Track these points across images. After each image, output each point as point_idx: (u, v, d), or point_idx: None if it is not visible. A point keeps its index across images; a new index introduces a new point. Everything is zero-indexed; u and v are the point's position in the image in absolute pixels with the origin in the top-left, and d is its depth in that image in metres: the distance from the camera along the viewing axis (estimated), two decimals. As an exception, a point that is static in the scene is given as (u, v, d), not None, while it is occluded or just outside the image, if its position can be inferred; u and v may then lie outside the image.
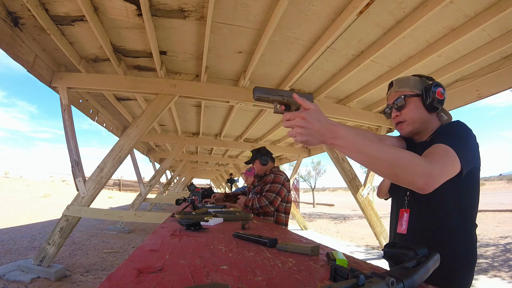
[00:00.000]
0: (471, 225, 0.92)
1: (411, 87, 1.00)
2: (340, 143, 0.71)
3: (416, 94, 1.00)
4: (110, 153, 3.34)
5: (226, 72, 3.41)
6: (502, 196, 20.46)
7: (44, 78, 3.14)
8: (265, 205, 2.14)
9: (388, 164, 0.70)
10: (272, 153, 2.53)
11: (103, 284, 0.51)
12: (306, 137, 0.71)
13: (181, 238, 1.01)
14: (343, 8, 2.15)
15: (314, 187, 26.73)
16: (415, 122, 1.00)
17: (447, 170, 0.76)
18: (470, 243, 0.91)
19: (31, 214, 9.20)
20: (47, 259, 3.17)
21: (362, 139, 0.71)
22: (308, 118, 0.69)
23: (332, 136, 0.71)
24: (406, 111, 1.01)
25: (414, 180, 0.70)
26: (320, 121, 0.70)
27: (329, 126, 0.71)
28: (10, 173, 24.56)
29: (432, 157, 0.77)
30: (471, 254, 0.90)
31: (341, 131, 0.71)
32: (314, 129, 0.70)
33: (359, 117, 4.18)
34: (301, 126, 0.70)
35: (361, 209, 4.57)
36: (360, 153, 0.71)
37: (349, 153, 0.72)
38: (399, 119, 1.03)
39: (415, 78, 1.03)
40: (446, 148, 0.79)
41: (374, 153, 0.70)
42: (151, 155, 9.39)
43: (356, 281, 0.38)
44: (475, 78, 3.04)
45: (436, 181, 0.72)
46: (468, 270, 0.90)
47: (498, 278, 3.80)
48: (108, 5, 2.27)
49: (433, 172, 0.71)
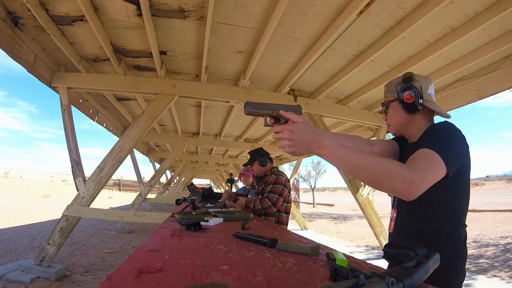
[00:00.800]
0: (459, 225, 0.91)
1: (392, 92, 1.04)
2: (325, 152, 0.77)
3: (394, 99, 1.03)
4: (110, 153, 3.34)
5: (226, 72, 3.41)
6: (502, 196, 20.46)
7: (44, 78, 3.14)
8: (268, 207, 2.14)
9: (369, 172, 0.74)
10: (270, 154, 2.52)
11: (103, 284, 0.51)
12: (294, 148, 0.77)
13: (181, 238, 1.01)
14: (343, 8, 2.15)
15: (314, 187, 26.72)
16: (396, 125, 1.05)
17: (430, 175, 0.77)
18: (458, 242, 0.90)
19: (31, 214, 9.20)
20: (47, 259, 3.16)
21: (345, 149, 0.76)
22: (295, 130, 0.76)
23: (317, 146, 0.77)
24: (389, 116, 1.07)
25: (395, 187, 0.73)
26: (306, 133, 0.76)
27: (315, 136, 0.77)
28: (10, 173, 24.56)
29: (414, 164, 0.78)
30: (457, 253, 0.90)
31: (325, 141, 0.77)
32: (301, 141, 0.76)
33: (359, 117, 4.18)
34: (288, 138, 0.76)
35: (361, 209, 4.56)
36: (343, 161, 0.76)
37: (332, 162, 0.77)
38: (387, 123, 1.10)
39: (397, 81, 1.04)
40: (429, 153, 0.80)
41: (356, 161, 0.75)
42: (151, 155, 9.39)
43: (356, 281, 0.38)
44: (475, 78, 3.04)
45: (418, 188, 0.73)
46: (455, 269, 0.89)
47: (497, 278, 3.79)
48: (108, 5, 2.27)
49: (415, 179, 0.73)
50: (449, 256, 0.88)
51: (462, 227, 0.92)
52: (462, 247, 0.91)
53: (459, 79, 3.21)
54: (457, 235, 0.91)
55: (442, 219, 0.91)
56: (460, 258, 0.90)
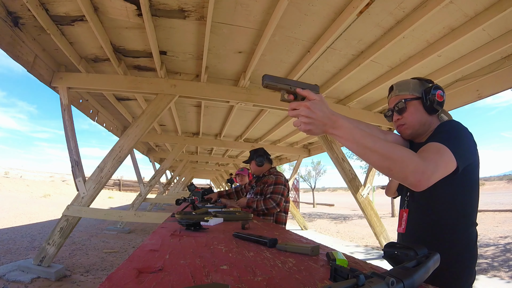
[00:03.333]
0: (470, 224, 0.91)
1: (411, 91, 1.01)
2: (339, 133, 0.75)
3: (416, 97, 1.00)
4: (110, 153, 3.34)
5: (226, 72, 3.41)
6: (502, 196, 20.46)
7: (44, 78, 3.14)
8: (272, 207, 2.16)
9: (382, 158, 0.72)
10: (270, 154, 2.55)
11: (103, 284, 0.51)
12: (310, 126, 0.74)
13: (181, 238, 1.01)
14: (343, 8, 2.15)
15: (314, 187, 26.70)
16: (415, 124, 1.01)
17: (441, 167, 0.76)
18: (468, 241, 0.90)
19: (31, 214, 9.20)
20: (47, 259, 3.17)
21: (360, 131, 0.74)
22: (312, 108, 0.73)
23: (332, 125, 0.75)
24: (406, 115, 1.02)
25: (407, 176, 0.72)
26: (323, 111, 0.74)
27: (331, 116, 0.74)
28: (10, 173, 24.57)
29: (424, 155, 0.77)
30: (469, 252, 0.90)
31: (340, 121, 0.74)
32: (317, 119, 0.74)
33: (359, 117, 4.17)
34: (305, 115, 0.74)
35: (361, 209, 4.57)
36: (356, 143, 0.74)
37: (346, 143, 0.75)
38: (400, 122, 1.05)
39: (414, 81, 1.03)
40: (439, 146, 0.80)
41: (369, 145, 0.73)
42: (151, 155, 9.39)
43: (356, 281, 0.38)
44: (475, 78, 3.04)
45: (429, 179, 0.72)
46: (467, 269, 0.89)
47: (497, 278, 3.80)
48: (108, 5, 2.27)
49: (427, 169, 0.72)
50: (462, 256, 0.88)
51: (473, 226, 0.92)
52: (474, 246, 0.91)
53: (459, 79, 3.21)
54: (468, 233, 0.91)
55: (455, 217, 0.90)
56: (471, 257, 0.90)
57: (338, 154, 4.53)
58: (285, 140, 6.93)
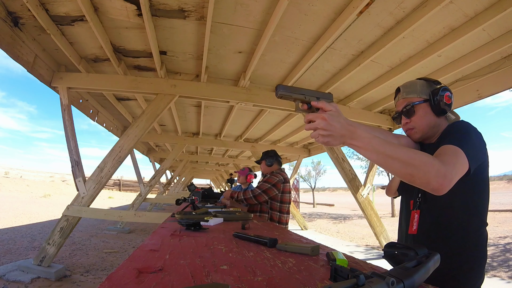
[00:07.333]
0: (481, 223, 0.91)
1: (419, 93, 1.00)
2: (358, 143, 0.74)
3: (424, 100, 0.99)
4: (110, 153, 3.34)
5: (226, 72, 3.41)
6: (502, 196, 20.44)
7: (44, 78, 3.14)
8: (249, 198, 2.31)
9: (403, 164, 0.72)
10: (280, 157, 2.67)
11: (103, 284, 0.51)
12: (328, 138, 0.73)
13: (181, 238, 1.01)
14: (343, 8, 2.15)
15: (314, 187, 26.68)
16: (424, 128, 1.00)
17: (459, 170, 0.76)
18: (480, 241, 0.90)
19: (31, 214, 9.20)
20: (47, 259, 3.17)
21: (378, 140, 0.74)
22: (329, 120, 0.72)
23: (351, 136, 0.74)
24: (415, 119, 1.01)
25: (429, 181, 0.71)
26: (340, 123, 0.73)
27: (348, 127, 0.74)
28: (10, 173, 24.57)
29: (443, 158, 0.77)
30: (480, 252, 0.89)
31: (359, 132, 0.74)
32: (335, 131, 0.73)
33: (359, 117, 4.17)
34: (323, 128, 0.73)
35: (361, 209, 4.57)
36: (376, 153, 0.73)
37: (365, 153, 0.75)
38: (409, 126, 1.03)
39: (422, 83, 1.02)
40: (455, 149, 0.80)
41: (390, 153, 0.72)
42: (151, 155, 9.39)
43: (356, 281, 0.38)
44: (475, 78, 3.04)
45: (450, 182, 0.72)
46: (477, 268, 0.89)
47: (497, 278, 3.80)
48: (108, 5, 2.27)
49: (448, 173, 0.72)
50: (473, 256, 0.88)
51: (484, 225, 0.92)
52: (484, 247, 0.91)
53: (459, 79, 3.21)
54: (480, 233, 0.91)
55: (467, 217, 0.90)
56: (482, 257, 0.90)
57: (338, 154, 4.53)
58: (285, 140, 6.93)
